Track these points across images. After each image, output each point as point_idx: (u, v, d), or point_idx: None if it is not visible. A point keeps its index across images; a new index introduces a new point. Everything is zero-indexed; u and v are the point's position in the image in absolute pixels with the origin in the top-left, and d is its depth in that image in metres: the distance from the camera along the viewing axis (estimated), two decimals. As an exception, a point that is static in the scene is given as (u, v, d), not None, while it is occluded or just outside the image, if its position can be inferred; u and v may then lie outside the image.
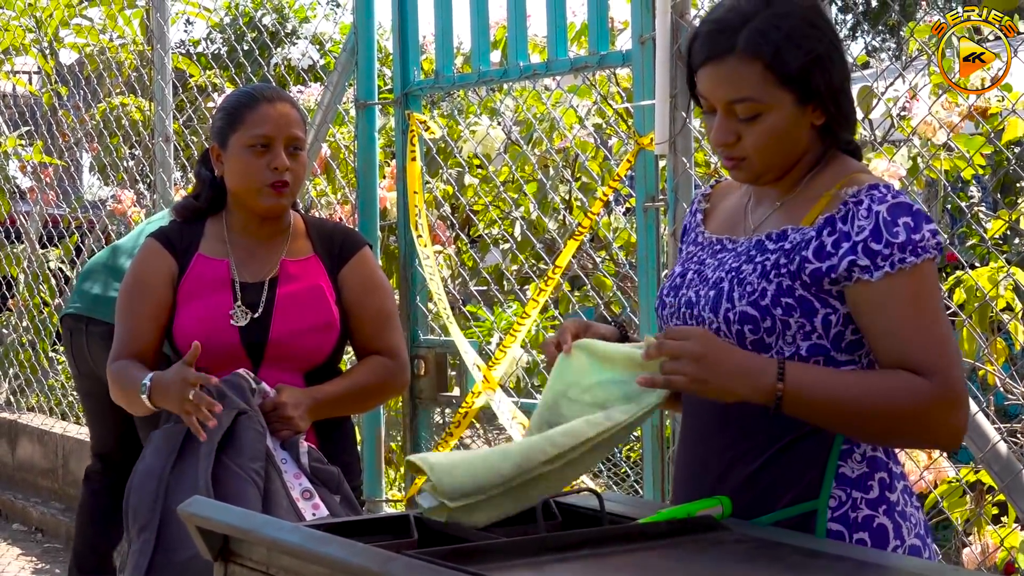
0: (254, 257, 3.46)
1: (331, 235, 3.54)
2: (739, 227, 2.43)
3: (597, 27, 4.23)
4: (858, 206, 2.25)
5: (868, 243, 2.22)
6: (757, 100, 2.27)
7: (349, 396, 3.44)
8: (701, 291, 2.36)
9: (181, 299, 3.43)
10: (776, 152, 2.32)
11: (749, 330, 2.27)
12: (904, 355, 2.21)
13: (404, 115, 4.86)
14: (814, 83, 2.28)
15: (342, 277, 3.48)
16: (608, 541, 2.03)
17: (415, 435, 4.96)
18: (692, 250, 2.49)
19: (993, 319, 3.94)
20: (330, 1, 12.86)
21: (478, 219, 6.02)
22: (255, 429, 3.18)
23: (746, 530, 2.14)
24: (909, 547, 2.28)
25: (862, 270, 2.22)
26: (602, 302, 5.42)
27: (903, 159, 4.46)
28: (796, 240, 2.29)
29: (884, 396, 2.19)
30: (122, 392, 3.39)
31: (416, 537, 2.11)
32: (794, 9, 2.29)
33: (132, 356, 3.41)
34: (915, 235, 2.22)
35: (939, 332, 2.22)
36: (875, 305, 2.23)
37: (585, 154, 5.66)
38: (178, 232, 3.52)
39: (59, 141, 8.66)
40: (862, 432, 2.24)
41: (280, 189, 3.38)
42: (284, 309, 3.39)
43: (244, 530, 2.13)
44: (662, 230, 4.00)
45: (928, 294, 2.23)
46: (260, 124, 3.38)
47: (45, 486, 7.80)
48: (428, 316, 4.96)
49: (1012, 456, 3.61)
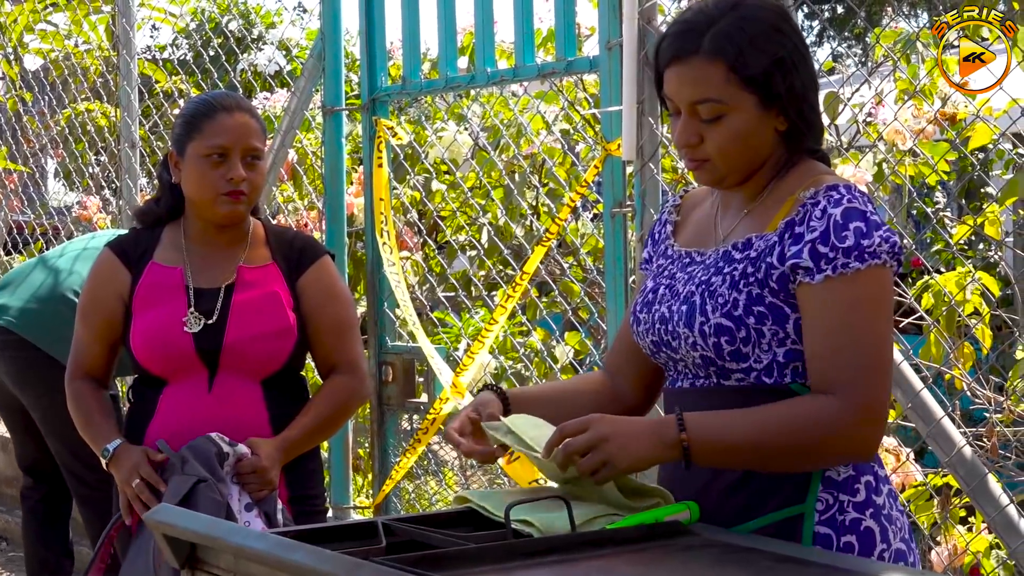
0: (211, 264, 3.46)
1: (291, 243, 3.53)
2: (709, 238, 2.43)
3: (564, 33, 4.24)
4: (814, 207, 2.25)
5: (816, 245, 2.22)
6: (719, 101, 2.28)
7: (317, 430, 3.47)
8: (674, 306, 2.36)
9: (136, 308, 3.44)
10: (738, 155, 2.32)
11: (726, 341, 2.27)
12: (821, 366, 2.21)
13: (371, 121, 4.85)
14: (776, 87, 2.28)
15: (300, 286, 3.47)
16: (576, 547, 2.03)
17: (383, 441, 4.95)
18: (663, 263, 2.49)
19: (960, 324, 3.96)
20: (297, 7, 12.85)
21: (445, 225, 6.01)
22: (213, 498, 3.18)
23: (714, 535, 2.15)
24: (895, 551, 2.28)
25: (805, 272, 2.23)
26: (570, 308, 5.42)
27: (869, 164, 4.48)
28: (760, 247, 2.29)
29: (788, 428, 2.20)
30: (80, 422, 3.54)
31: (384, 544, 2.10)
32: (760, 14, 2.31)
33: (85, 374, 3.54)
34: (864, 240, 2.21)
35: (864, 343, 2.20)
36: (811, 308, 2.23)
37: (552, 160, 5.66)
38: (133, 241, 3.54)
39: (24, 147, 8.60)
40: (780, 466, 2.24)
41: (236, 196, 3.37)
42: (239, 315, 3.38)
43: (211, 537, 2.12)
44: (629, 236, 4.01)
45: (867, 302, 2.21)
46: (217, 134, 3.38)
47: (9, 494, 7.74)
48: (396, 322, 4.95)
49: (977, 460, 3.62)
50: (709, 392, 2.34)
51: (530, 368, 5.30)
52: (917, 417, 3.64)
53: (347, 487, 5.02)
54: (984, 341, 3.93)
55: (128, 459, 3.33)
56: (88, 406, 3.51)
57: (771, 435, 2.20)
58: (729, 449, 2.21)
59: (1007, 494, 3.59)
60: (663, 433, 2.20)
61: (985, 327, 3.94)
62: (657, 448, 2.20)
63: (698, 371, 2.35)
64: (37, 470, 5.02)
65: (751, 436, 2.20)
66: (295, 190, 6.13)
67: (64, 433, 4.42)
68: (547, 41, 5.33)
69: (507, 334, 5.36)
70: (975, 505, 3.65)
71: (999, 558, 3.89)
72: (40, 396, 4.72)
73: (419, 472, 5.68)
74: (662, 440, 2.20)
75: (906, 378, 3.64)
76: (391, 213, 4.80)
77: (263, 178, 3.48)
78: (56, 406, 4.01)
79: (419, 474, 5.73)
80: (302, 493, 3.44)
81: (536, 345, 5.33)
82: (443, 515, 2.28)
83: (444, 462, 7.32)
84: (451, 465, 7.20)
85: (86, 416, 3.50)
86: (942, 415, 3.63)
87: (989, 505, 3.59)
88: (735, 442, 2.21)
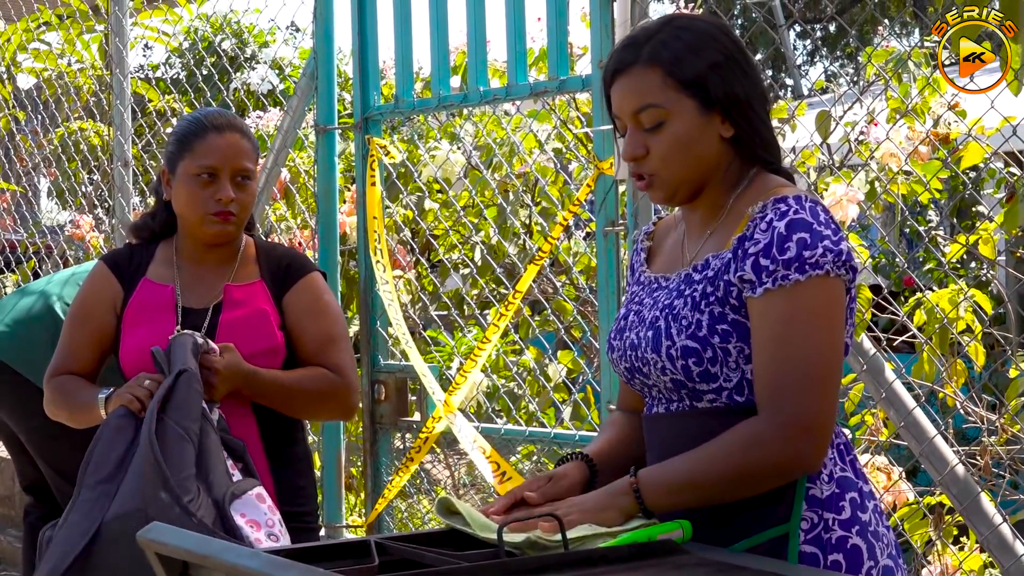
0: (201, 282, 3.45)
1: (279, 260, 3.52)
2: (677, 263, 2.44)
3: (557, 52, 4.24)
4: (761, 220, 2.26)
5: (758, 258, 2.23)
6: (658, 106, 2.32)
7: (288, 390, 3.37)
8: (640, 332, 2.37)
9: (126, 324, 3.43)
10: (682, 163, 2.34)
11: (693, 363, 2.28)
12: (757, 381, 2.22)
13: (364, 140, 4.85)
14: (713, 89, 2.31)
15: (286, 302, 3.45)
16: (569, 566, 2.03)
17: (375, 460, 4.94)
18: (635, 290, 2.50)
19: (952, 341, 3.96)
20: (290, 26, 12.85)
21: (438, 244, 6.01)
22: (194, 388, 3.17)
23: (707, 553, 2.14)
24: (883, 567, 2.28)
25: (749, 286, 2.23)
26: (563, 326, 5.42)
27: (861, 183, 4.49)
28: (717, 266, 2.30)
29: (722, 455, 2.21)
30: (64, 403, 3.46)
31: (377, 563, 2.10)
32: (696, 24, 2.38)
33: (69, 373, 3.49)
34: (806, 251, 2.20)
35: (793, 356, 2.19)
36: (752, 322, 2.24)
37: (545, 179, 5.67)
38: (127, 256, 3.53)
39: (17, 166, 8.60)
40: (727, 495, 2.24)
41: (225, 217, 3.37)
42: (227, 335, 3.37)
43: (202, 556, 2.11)
44: (622, 255, 4.01)
45: (804, 314, 2.20)
46: (207, 155, 3.38)
47: (2, 513, 7.73)
48: (388, 341, 4.95)
49: (970, 479, 3.62)
50: (683, 416, 2.35)
51: (523, 387, 5.29)
52: (910, 436, 3.64)
53: (340, 505, 5.01)
54: (977, 359, 3.94)
55: (123, 387, 3.28)
56: (72, 386, 3.44)
57: (708, 465, 2.22)
58: (674, 487, 2.24)
59: (1000, 513, 3.60)
60: (614, 485, 2.27)
61: (978, 344, 3.94)
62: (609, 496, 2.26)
63: (671, 395, 2.36)
64: (37, 487, 5.03)
65: (693, 470, 2.23)
66: (288, 209, 6.13)
67: (47, 454, 4.51)
68: (540, 60, 5.34)
69: (500, 352, 5.36)
70: (968, 524, 3.65)
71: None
72: (21, 419, 4.73)
73: (412, 491, 5.67)
74: (614, 490, 2.26)
75: (899, 397, 3.64)
76: (384, 232, 4.80)
77: (253, 198, 3.47)
78: (40, 429, 4.05)
79: (412, 493, 5.72)
80: (292, 509, 3.42)
81: (529, 364, 5.33)
82: (436, 534, 2.28)
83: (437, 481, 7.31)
84: (444, 484, 7.19)
85: (72, 394, 3.43)
86: (935, 434, 3.63)
87: (982, 524, 3.58)
88: (678, 478, 2.24)
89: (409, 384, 4.87)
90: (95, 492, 3.15)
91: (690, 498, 2.24)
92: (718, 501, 2.25)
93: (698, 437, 2.29)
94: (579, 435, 4.50)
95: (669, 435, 2.37)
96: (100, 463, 3.19)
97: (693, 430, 2.31)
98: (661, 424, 2.39)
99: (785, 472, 2.23)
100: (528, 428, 4.89)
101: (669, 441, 2.35)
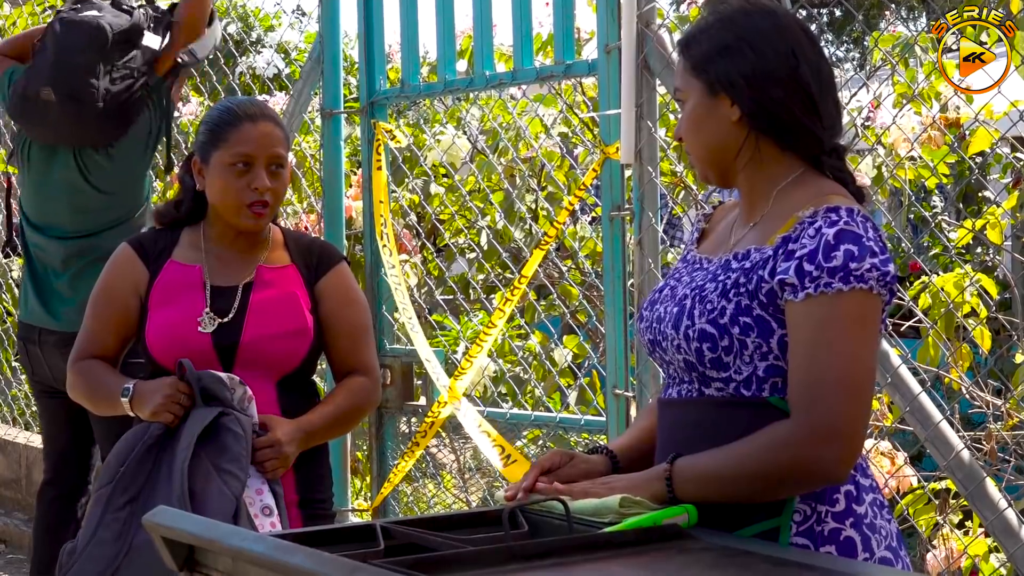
0: (230, 263, 3.47)
1: (309, 247, 3.55)
2: (722, 247, 2.44)
3: (563, 36, 4.24)
4: (810, 226, 2.24)
5: (803, 262, 2.21)
6: (680, 88, 2.42)
7: (335, 423, 3.48)
8: (668, 307, 2.37)
9: (152, 305, 3.44)
10: (693, 141, 2.41)
11: (707, 348, 2.28)
12: (791, 385, 2.22)
13: (370, 124, 4.85)
14: (716, 71, 2.33)
15: (319, 289, 3.48)
16: (574, 550, 2.03)
17: (381, 444, 4.95)
18: (679, 267, 2.51)
19: (958, 326, 3.96)
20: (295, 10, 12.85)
21: (444, 228, 6.02)
22: (235, 431, 3.18)
23: (712, 538, 2.14)
24: (879, 559, 2.27)
25: (790, 289, 2.22)
26: (568, 311, 5.42)
27: (868, 168, 4.48)
28: (756, 259, 2.30)
29: (752, 456, 2.21)
30: (87, 389, 3.48)
31: (382, 547, 2.10)
32: (724, 8, 2.40)
33: (91, 357, 3.50)
34: (852, 263, 2.19)
35: (828, 363, 2.18)
36: (790, 327, 2.23)
37: (551, 163, 5.67)
38: (152, 239, 3.54)
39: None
40: (755, 494, 2.24)
41: (259, 211, 3.39)
42: (257, 314, 3.39)
43: (209, 540, 2.12)
44: (628, 239, 4.01)
45: (843, 322, 2.19)
46: (242, 143, 3.39)
47: (8, 496, 7.74)
48: (394, 325, 4.95)
49: (975, 464, 3.62)
50: (688, 404, 2.35)
51: (528, 371, 5.30)
52: (915, 421, 3.64)
53: (346, 490, 5.01)
54: (983, 344, 3.93)
55: (149, 385, 3.30)
56: (97, 372, 3.47)
57: (736, 460, 2.22)
58: (702, 479, 2.24)
59: (1005, 498, 3.60)
60: (653, 469, 2.31)
61: (984, 329, 3.93)
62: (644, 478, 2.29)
63: (683, 375, 2.36)
64: (61, 455, 5.03)
65: (721, 464, 2.24)
66: (294, 193, 6.14)
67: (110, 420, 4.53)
68: (546, 45, 5.33)
69: (505, 337, 5.37)
70: (973, 509, 3.65)
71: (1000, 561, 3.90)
72: None
73: (417, 475, 5.68)
74: (649, 474, 2.30)
75: (904, 381, 3.64)
76: (390, 216, 4.80)
77: (286, 186, 3.49)
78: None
79: (417, 477, 5.73)
80: (311, 496, 3.45)
81: (534, 348, 5.34)
82: (441, 518, 2.29)
83: (442, 465, 7.31)
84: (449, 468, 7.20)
85: (96, 381, 3.46)
86: (940, 419, 3.63)
87: (987, 509, 3.59)
88: (707, 471, 2.24)
89: (415, 368, 4.88)
90: (124, 512, 3.18)
91: (715, 492, 2.24)
92: (743, 499, 2.25)
93: (699, 426, 2.30)
94: (584, 419, 4.51)
95: (674, 422, 2.38)
96: (130, 481, 3.22)
97: (695, 418, 2.32)
98: (669, 410, 2.40)
99: (808, 475, 2.21)
100: (534, 412, 4.90)
101: (673, 428, 2.37)
